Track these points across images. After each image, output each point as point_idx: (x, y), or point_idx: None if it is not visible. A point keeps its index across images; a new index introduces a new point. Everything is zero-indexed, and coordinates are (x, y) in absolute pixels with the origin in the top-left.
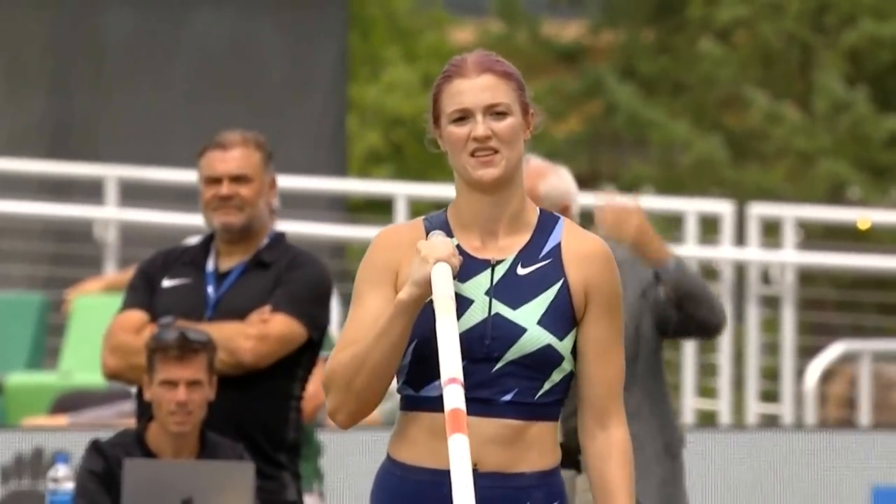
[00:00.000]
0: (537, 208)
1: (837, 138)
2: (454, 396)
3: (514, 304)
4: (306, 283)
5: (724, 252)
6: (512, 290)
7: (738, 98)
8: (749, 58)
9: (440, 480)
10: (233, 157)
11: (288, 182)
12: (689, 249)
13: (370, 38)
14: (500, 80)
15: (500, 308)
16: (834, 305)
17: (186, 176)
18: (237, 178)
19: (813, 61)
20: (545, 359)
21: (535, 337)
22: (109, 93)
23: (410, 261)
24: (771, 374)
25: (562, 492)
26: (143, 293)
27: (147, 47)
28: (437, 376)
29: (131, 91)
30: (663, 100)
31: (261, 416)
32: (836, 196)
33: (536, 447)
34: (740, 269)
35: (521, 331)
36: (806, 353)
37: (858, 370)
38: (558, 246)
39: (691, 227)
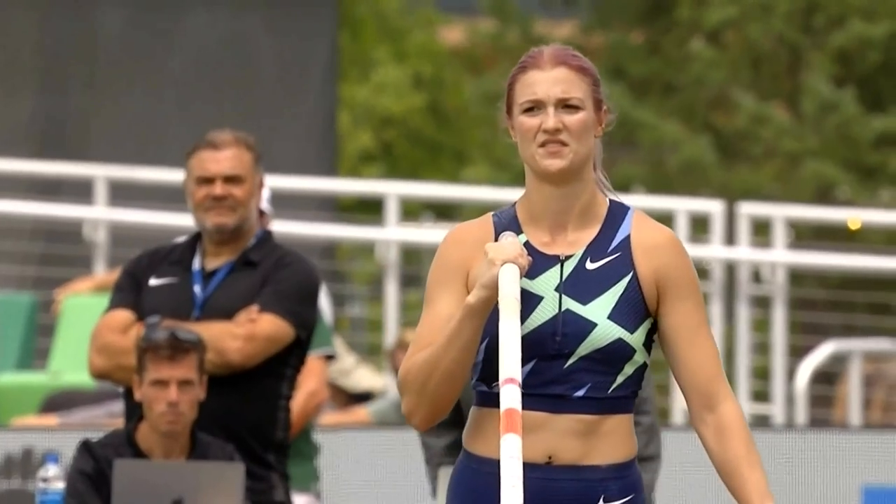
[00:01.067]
0: (607, 199)
1: (825, 139)
2: (510, 396)
3: (584, 300)
4: (294, 282)
5: (715, 251)
6: (581, 285)
7: (726, 99)
8: (738, 59)
9: None
10: (226, 158)
11: (279, 181)
12: None
13: (360, 38)
14: (574, 73)
15: (570, 304)
16: (824, 305)
17: (176, 176)
18: (230, 179)
19: (802, 62)
20: (617, 353)
21: (606, 331)
22: (101, 92)
23: (480, 260)
24: (761, 374)
25: (637, 484)
26: (129, 293)
27: (138, 47)
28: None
29: (122, 90)
30: (653, 101)
31: (249, 416)
32: (823, 197)
33: (611, 440)
34: (730, 269)
35: (592, 326)
36: (796, 352)
37: (849, 369)
38: (627, 238)
39: (681, 227)
